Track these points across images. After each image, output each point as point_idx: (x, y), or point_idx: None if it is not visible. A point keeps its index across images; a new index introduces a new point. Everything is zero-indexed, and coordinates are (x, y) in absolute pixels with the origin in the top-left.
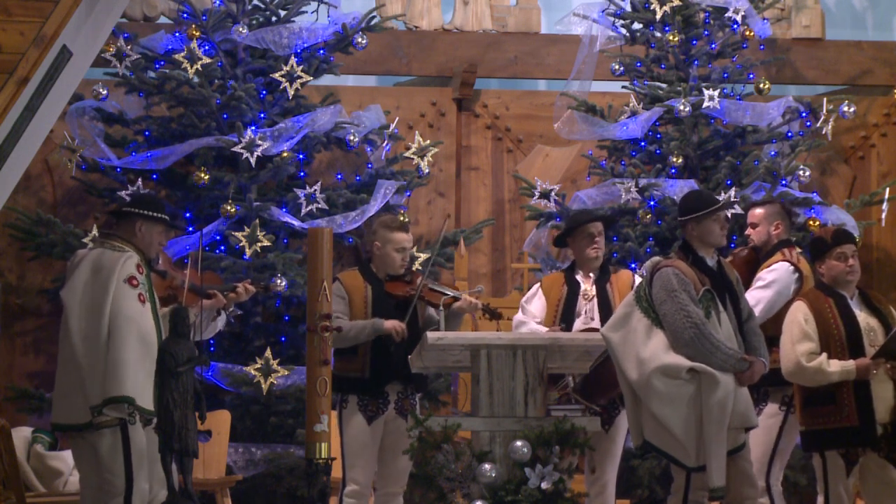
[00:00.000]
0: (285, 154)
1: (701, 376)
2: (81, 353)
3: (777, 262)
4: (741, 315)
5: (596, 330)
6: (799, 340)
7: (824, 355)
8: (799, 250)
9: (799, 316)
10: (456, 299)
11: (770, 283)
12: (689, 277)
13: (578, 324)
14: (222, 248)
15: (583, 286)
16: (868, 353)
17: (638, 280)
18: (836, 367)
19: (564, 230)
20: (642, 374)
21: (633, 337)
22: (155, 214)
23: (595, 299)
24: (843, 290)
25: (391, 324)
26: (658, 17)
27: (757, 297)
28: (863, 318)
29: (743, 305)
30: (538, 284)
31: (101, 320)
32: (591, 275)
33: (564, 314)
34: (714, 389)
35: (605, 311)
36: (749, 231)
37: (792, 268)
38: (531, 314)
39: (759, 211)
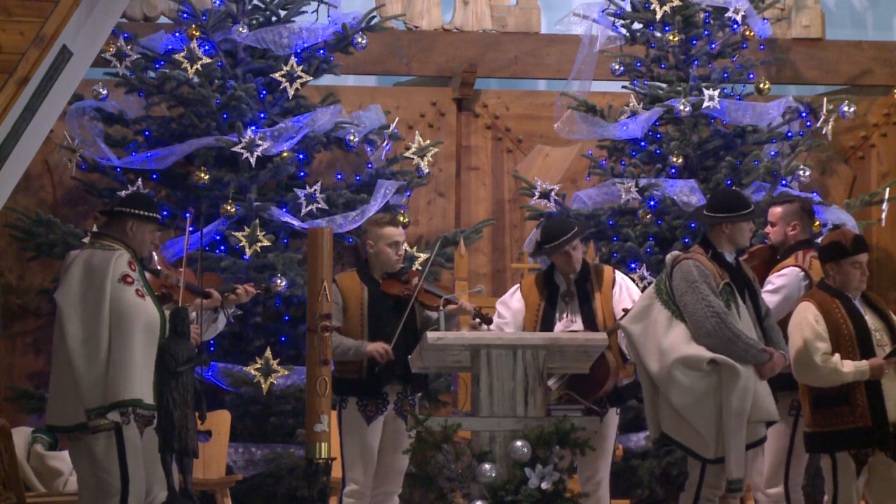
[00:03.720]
0: (285, 154)
1: (721, 368)
2: (79, 356)
3: (788, 266)
4: (760, 311)
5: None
6: (812, 341)
7: (838, 356)
8: (813, 253)
9: (809, 316)
10: (450, 302)
11: (778, 287)
12: (710, 270)
13: (560, 327)
14: (222, 248)
15: (562, 287)
16: (877, 353)
17: (619, 276)
18: (850, 367)
19: (540, 243)
20: (663, 366)
21: (654, 329)
22: (145, 213)
23: (576, 300)
24: (848, 293)
25: (374, 347)
26: (658, 17)
27: (764, 301)
28: (868, 318)
29: (761, 302)
30: (517, 287)
31: (100, 324)
32: (571, 276)
33: (545, 318)
34: (735, 381)
35: (587, 311)
36: (768, 229)
37: (802, 273)
38: (503, 317)
39: (777, 210)
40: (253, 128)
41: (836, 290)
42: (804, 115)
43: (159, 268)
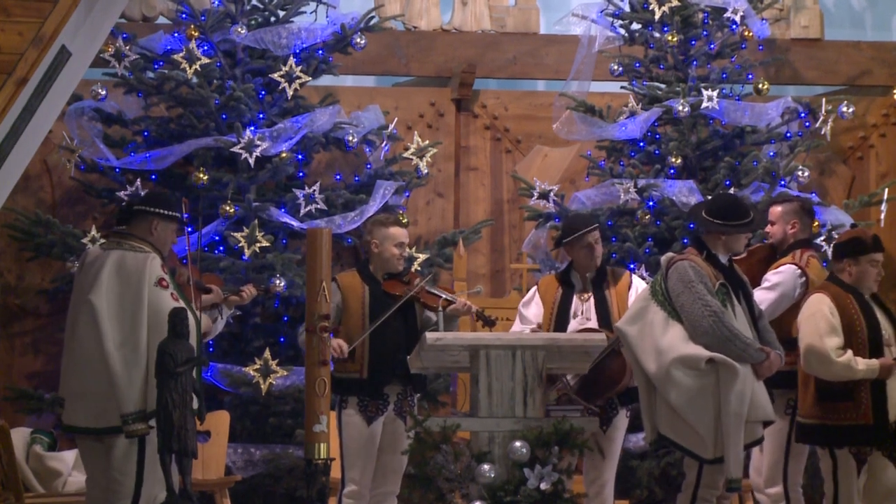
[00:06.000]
0: (284, 154)
1: (720, 367)
2: (117, 360)
3: (784, 264)
4: (754, 312)
5: (593, 329)
6: (827, 334)
7: (850, 352)
8: (811, 252)
9: (825, 308)
10: (451, 302)
11: (774, 285)
12: (705, 271)
13: (574, 325)
14: (221, 248)
15: (578, 286)
16: (885, 352)
17: (636, 280)
18: (862, 364)
19: (561, 237)
20: (661, 366)
21: (651, 330)
22: (169, 213)
23: (591, 300)
24: (861, 290)
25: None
26: (657, 17)
27: (760, 298)
28: (879, 317)
29: (754, 304)
30: (534, 288)
31: (138, 328)
32: (588, 275)
33: (559, 316)
34: (733, 381)
35: (602, 310)
36: (768, 228)
37: (798, 271)
38: (528, 321)
39: (777, 209)
40: (252, 128)
41: (850, 286)
42: (803, 115)
43: (172, 266)
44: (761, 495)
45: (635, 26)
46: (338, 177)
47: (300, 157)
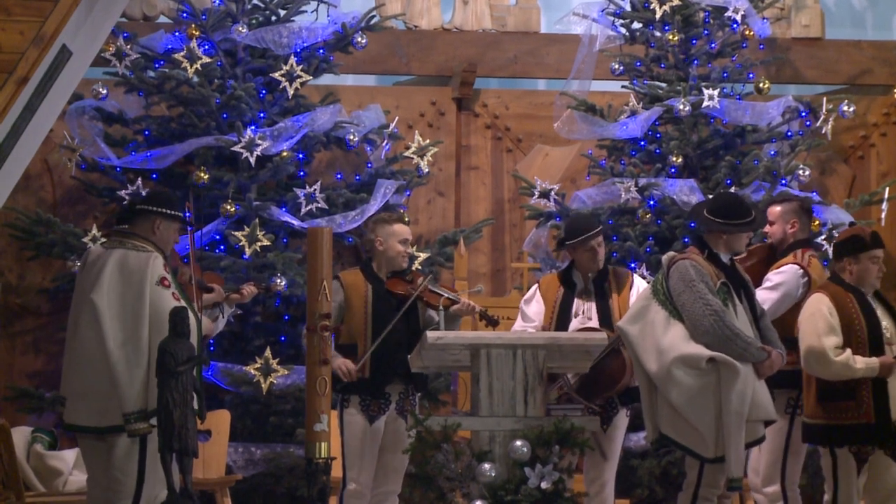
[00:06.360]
0: (285, 154)
1: (720, 366)
2: (119, 359)
3: (786, 263)
4: (755, 311)
5: (593, 329)
6: (826, 333)
7: (849, 351)
8: (811, 252)
9: (823, 308)
10: (454, 302)
11: (777, 284)
12: (706, 270)
13: (575, 323)
14: (222, 247)
15: (579, 286)
16: (886, 350)
17: (637, 279)
18: (861, 363)
19: (564, 240)
20: (662, 365)
21: (652, 329)
22: (172, 212)
23: (593, 299)
24: (863, 288)
25: (341, 362)
26: (658, 16)
27: (763, 297)
28: (879, 315)
29: (756, 303)
30: (536, 286)
31: (140, 327)
32: (590, 275)
33: (560, 315)
34: (734, 380)
35: (603, 310)
36: (768, 228)
37: (801, 271)
38: (530, 319)
39: (776, 209)
40: (252, 127)
41: (851, 285)
42: (804, 114)
43: (175, 265)
44: (758, 495)
45: (636, 25)
46: (338, 176)
47: (301, 156)
